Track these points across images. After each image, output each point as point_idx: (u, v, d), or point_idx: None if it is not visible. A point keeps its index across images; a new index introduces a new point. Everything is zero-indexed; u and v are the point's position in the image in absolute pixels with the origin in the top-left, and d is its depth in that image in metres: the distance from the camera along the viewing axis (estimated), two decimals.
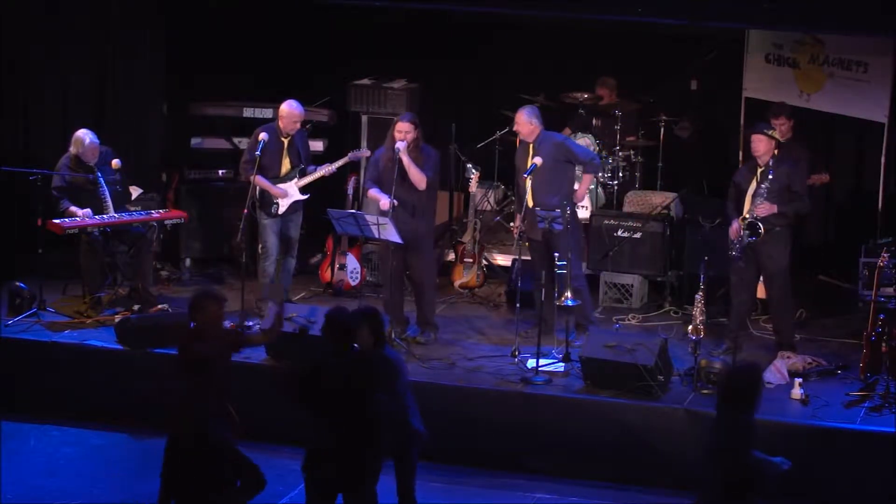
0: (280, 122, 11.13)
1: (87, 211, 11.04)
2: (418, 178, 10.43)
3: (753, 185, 10.30)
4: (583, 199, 10.96)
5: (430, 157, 10.56)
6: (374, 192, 10.58)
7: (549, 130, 10.77)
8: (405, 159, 10.38)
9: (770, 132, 10.32)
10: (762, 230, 10.16)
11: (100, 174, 11.12)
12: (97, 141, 11.08)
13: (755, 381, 7.47)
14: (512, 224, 10.70)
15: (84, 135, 11.07)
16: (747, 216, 10.25)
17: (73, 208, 11.03)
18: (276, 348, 10.04)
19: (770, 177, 10.18)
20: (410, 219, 10.48)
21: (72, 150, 11.09)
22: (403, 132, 10.42)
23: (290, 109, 11.10)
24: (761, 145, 10.26)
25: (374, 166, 10.69)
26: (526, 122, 10.58)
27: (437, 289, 11.21)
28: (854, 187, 12.54)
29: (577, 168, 10.84)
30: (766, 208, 10.19)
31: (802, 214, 10.60)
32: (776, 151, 10.31)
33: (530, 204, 10.56)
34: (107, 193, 11.15)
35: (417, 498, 8.37)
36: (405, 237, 10.38)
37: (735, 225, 10.32)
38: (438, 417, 9.43)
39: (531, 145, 10.60)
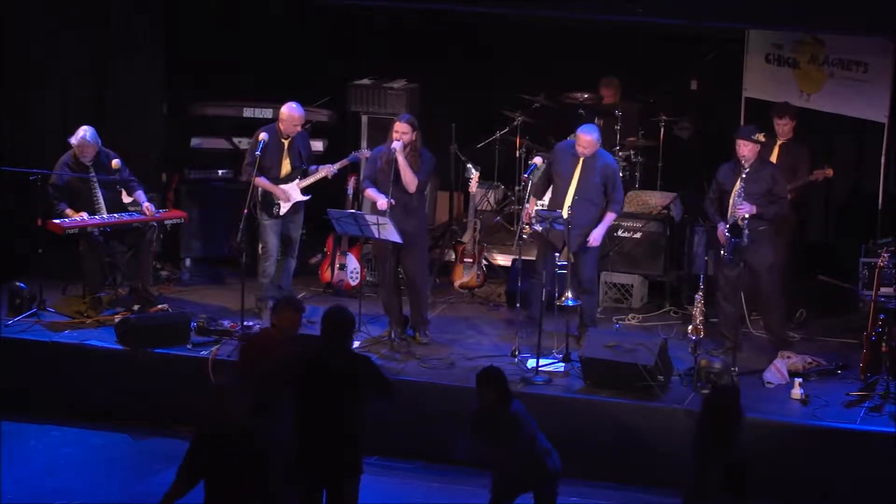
0: (280, 125, 11.12)
1: (83, 214, 11.04)
2: (410, 179, 10.43)
3: (738, 185, 10.30)
4: (599, 240, 10.67)
5: (425, 161, 10.57)
6: (371, 192, 10.58)
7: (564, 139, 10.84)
8: (401, 160, 10.39)
9: (755, 137, 10.29)
10: (746, 231, 10.14)
11: (95, 175, 11.11)
12: (92, 139, 11.05)
13: (735, 400, 7.45)
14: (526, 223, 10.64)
15: (84, 130, 11.08)
16: (729, 218, 10.25)
17: (69, 211, 11.04)
18: None
19: (744, 176, 10.18)
20: (404, 218, 10.49)
21: (72, 142, 11.09)
22: (400, 132, 10.43)
23: (290, 112, 11.08)
24: (745, 150, 10.26)
25: (371, 164, 10.70)
26: (596, 146, 10.56)
27: (430, 287, 11.21)
28: (854, 187, 12.53)
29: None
30: (745, 209, 10.18)
31: (782, 217, 10.48)
32: (766, 152, 10.31)
33: (564, 213, 10.51)
34: (100, 195, 11.15)
35: (416, 498, 8.37)
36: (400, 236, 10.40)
37: (721, 227, 10.31)
38: (438, 417, 9.45)
39: (583, 158, 10.57)
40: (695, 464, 7.30)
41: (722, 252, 10.30)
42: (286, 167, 11.19)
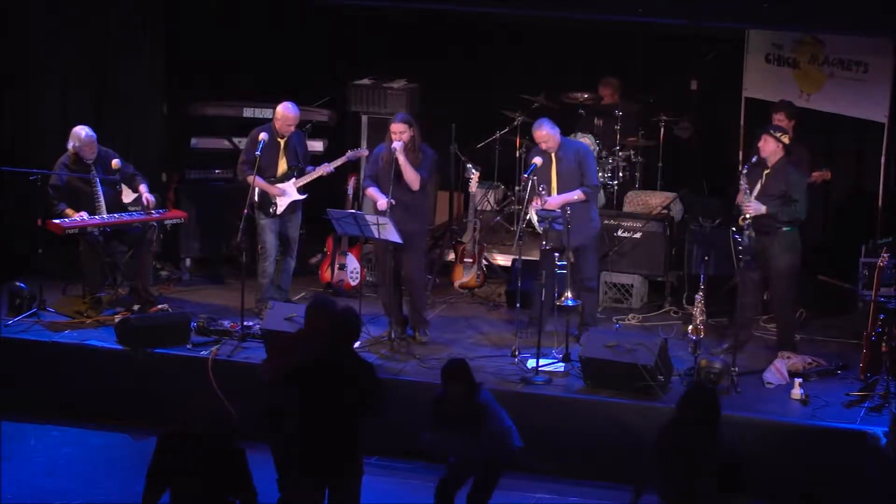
0: (275, 124, 11.14)
1: (83, 213, 11.05)
2: (413, 178, 10.44)
3: (759, 186, 10.30)
4: (556, 206, 10.43)
5: (427, 157, 10.58)
6: (372, 191, 10.60)
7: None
8: (401, 159, 10.40)
9: (778, 134, 10.30)
10: (747, 231, 10.13)
11: (96, 175, 11.13)
12: (94, 135, 11.10)
13: (714, 402, 7.41)
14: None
15: (80, 129, 11.10)
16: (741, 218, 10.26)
17: (69, 211, 11.04)
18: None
19: (764, 179, 10.18)
20: (405, 218, 10.49)
21: (70, 146, 11.11)
22: (398, 133, 10.44)
23: (284, 112, 11.09)
24: (768, 145, 10.25)
25: (373, 163, 10.71)
26: (553, 136, 10.56)
27: (427, 287, 11.21)
28: (854, 187, 12.53)
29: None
30: (753, 208, 10.18)
31: (795, 219, 10.38)
32: (784, 154, 10.31)
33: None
34: (101, 195, 11.16)
35: (416, 498, 8.39)
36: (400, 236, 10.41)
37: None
38: None
39: (553, 154, 10.60)
40: (682, 465, 7.31)
41: (742, 255, 10.28)
42: (282, 167, 11.20)
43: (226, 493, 7.11)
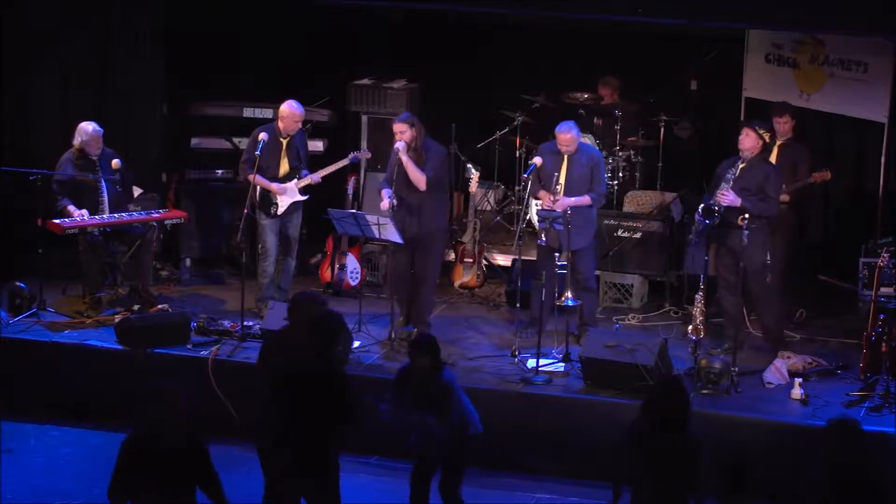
0: (280, 123, 11.12)
1: (84, 212, 11.05)
2: (417, 178, 10.44)
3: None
4: (564, 207, 10.43)
5: (433, 155, 10.56)
6: (383, 193, 10.60)
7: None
8: (404, 159, 10.41)
9: (761, 131, 10.30)
10: (717, 216, 10.14)
11: (101, 175, 11.13)
12: (101, 130, 11.14)
13: (683, 399, 7.39)
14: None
15: (87, 124, 11.13)
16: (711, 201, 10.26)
17: (71, 208, 11.04)
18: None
19: (742, 165, 10.18)
20: (411, 218, 10.49)
21: (75, 142, 11.11)
22: (399, 132, 10.46)
23: (290, 110, 11.09)
24: (748, 140, 10.27)
25: (388, 168, 10.73)
26: (576, 141, 10.56)
27: (435, 289, 11.20)
28: (854, 187, 12.52)
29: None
30: (729, 198, 10.17)
31: (768, 216, 10.32)
32: (762, 150, 10.32)
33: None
34: (105, 192, 11.17)
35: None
36: (408, 237, 10.40)
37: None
38: None
39: (567, 156, 10.59)
40: (653, 464, 7.32)
41: (690, 235, 10.31)
42: (284, 167, 11.19)
43: (190, 496, 7.06)
